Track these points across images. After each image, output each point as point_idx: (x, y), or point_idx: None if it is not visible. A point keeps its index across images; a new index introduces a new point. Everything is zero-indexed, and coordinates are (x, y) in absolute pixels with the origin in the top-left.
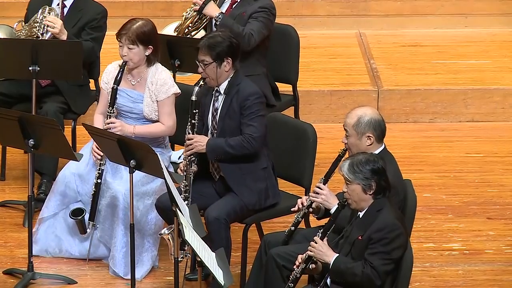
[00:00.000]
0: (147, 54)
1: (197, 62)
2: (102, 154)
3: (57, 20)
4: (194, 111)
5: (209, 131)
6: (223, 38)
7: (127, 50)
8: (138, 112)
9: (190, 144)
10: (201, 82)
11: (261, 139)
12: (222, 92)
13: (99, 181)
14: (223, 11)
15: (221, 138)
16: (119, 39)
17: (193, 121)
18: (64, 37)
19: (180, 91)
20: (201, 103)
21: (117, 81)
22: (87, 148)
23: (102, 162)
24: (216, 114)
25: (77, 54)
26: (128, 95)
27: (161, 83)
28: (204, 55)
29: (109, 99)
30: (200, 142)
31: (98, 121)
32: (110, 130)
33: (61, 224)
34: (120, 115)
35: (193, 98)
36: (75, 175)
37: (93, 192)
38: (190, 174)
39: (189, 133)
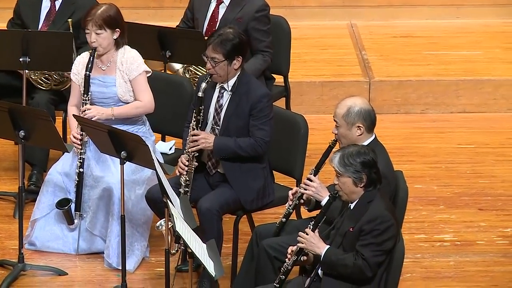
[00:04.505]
0: (115, 38)
1: (204, 57)
2: (81, 142)
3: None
4: (201, 107)
5: (209, 127)
6: (234, 35)
7: (95, 36)
8: (112, 96)
9: (196, 141)
10: (208, 78)
11: (270, 142)
12: (228, 89)
13: (81, 170)
14: (210, 13)
15: (229, 138)
16: (85, 27)
17: (198, 117)
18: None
19: (150, 70)
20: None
21: (89, 68)
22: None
23: (82, 151)
24: (221, 111)
25: (68, 45)
26: (101, 81)
27: (130, 61)
28: (215, 53)
29: (83, 87)
30: (207, 139)
31: (73, 113)
32: (86, 116)
33: (53, 223)
34: (95, 103)
35: (200, 94)
36: (62, 175)
37: (76, 183)
38: (192, 170)
39: (193, 129)
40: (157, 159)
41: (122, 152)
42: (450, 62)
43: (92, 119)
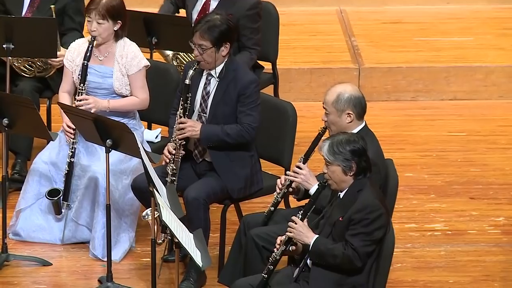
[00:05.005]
0: (116, 29)
1: (191, 44)
2: (73, 132)
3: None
4: (188, 95)
5: (196, 114)
6: (222, 22)
7: (96, 25)
8: (107, 87)
9: (183, 128)
10: (196, 65)
11: (258, 128)
12: (216, 76)
13: (72, 160)
14: (198, 10)
15: (216, 125)
16: (87, 14)
17: (185, 105)
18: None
19: (149, 63)
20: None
21: (87, 57)
22: (58, 136)
23: (75, 141)
24: (208, 98)
25: (52, 32)
26: (97, 71)
27: (131, 56)
28: (202, 40)
29: (80, 76)
30: (193, 127)
31: (64, 100)
32: (83, 108)
33: (39, 213)
34: (88, 92)
35: (187, 81)
36: (48, 164)
37: (66, 172)
38: (179, 158)
39: (180, 117)
40: (143, 148)
41: (108, 140)
42: (441, 48)
43: (91, 111)
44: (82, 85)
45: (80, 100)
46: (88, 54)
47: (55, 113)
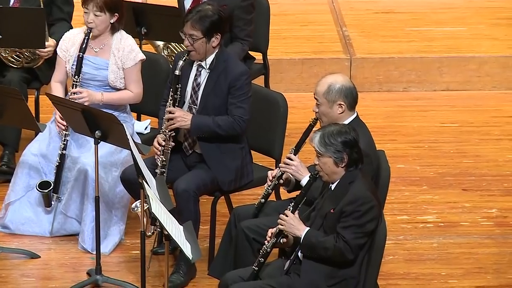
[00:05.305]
0: (112, 22)
1: (182, 34)
2: (66, 124)
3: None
4: (178, 85)
5: (186, 106)
6: (213, 12)
7: (93, 17)
8: (101, 79)
9: (172, 119)
10: (186, 56)
11: (249, 121)
12: (206, 67)
13: (64, 152)
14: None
15: (207, 116)
16: (85, 6)
17: (175, 96)
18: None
19: (145, 57)
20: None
21: (83, 49)
22: (47, 127)
23: (67, 133)
24: (198, 89)
25: (41, 22)
26: (91, 62)
27: (128, 50)
28: (193, 30)
29: (73, 66)
30: (184, 118)
31: (57, 90)
32: (77, 101)
33: (28, 205)
34: (82, 83)
35: (177, 72)
36: (38, 156)
37: (57, 164)
38: (168, 150)
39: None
40: (133, 139)
41: (96, 132)
42: (434, 38)
43: (84, 104)
44: (77, 77)
45: (75, 93)
46: (84, 46)
47: (43, 104)
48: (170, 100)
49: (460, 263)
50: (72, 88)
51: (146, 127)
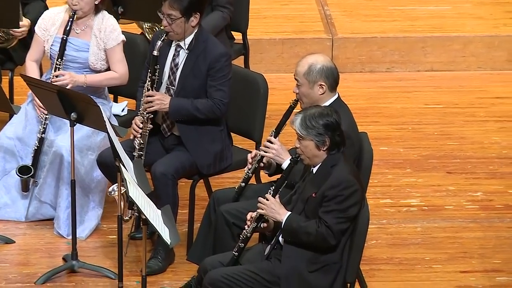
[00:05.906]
0: (97, 3)
1: (160, 14)
2: None
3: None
4: (156, 66)
5: (164, 87)
6: None
7: None
8: (82, 62)
9: (151, 102)
10: (164, 36)
11: (229, 104)
12: (185, 47)
13: (43, 135)
14: None
15: (185, 99)
16: None
17: (153, 77)
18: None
19: (125, 38)
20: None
21: (67, 32)
22: (23, 109)
23: (47, 116)
24: (176, 70)
25: (15, 1)
26: (72, 44)
27: (110, 29)
28: (171, 9)
29: (57, 50)
30: (162, 100)
31: (32, 69)
32: (59, 83)
33: (3, 190)
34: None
35: (155, 53)
36: (13, 140)
37: (35, 148)
38: (146, 132)
39: (148, 90)
40: (110, 121)
41: (72, 114)
42: (417, 18)
43: (67, 87)
44: (60, 60)
45: (57, 76)
46: (68, 28)
47: (17, 86)
48: (148, 81)
49: (445, 248)
50: (54, 71)
51: (123, 109)
